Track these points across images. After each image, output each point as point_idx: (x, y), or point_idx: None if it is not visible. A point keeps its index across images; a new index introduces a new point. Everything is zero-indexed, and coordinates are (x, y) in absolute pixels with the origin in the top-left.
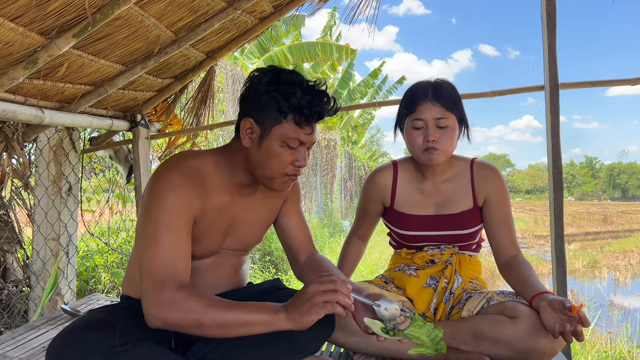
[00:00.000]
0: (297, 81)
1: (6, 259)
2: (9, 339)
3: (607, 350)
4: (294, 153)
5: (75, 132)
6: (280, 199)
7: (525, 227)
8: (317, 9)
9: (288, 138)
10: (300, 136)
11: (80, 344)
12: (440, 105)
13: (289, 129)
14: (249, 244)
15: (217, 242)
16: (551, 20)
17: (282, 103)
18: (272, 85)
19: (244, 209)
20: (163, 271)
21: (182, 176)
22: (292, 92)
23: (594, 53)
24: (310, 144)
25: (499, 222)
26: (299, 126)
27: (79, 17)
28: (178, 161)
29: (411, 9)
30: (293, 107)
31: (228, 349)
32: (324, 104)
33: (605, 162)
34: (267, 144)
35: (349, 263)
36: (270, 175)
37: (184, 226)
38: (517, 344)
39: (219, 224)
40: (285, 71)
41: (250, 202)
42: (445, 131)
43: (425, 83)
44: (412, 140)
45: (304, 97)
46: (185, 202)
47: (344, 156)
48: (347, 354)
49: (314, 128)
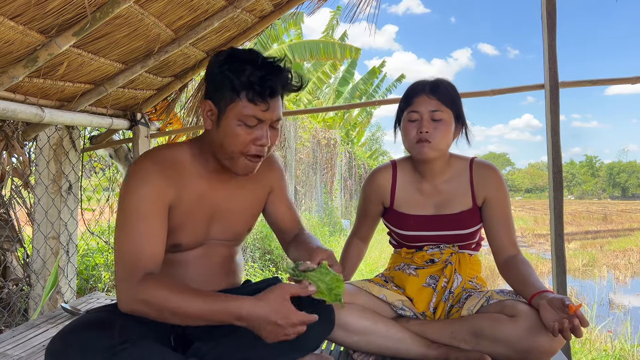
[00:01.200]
0: (250, 58)
1: (6, 258)
2: (9, 337)
3: (607, 349)
4: (253, 132)
5: (75, 130)
6: (266, 189)
7: (525, 225)
8: (317, 8)
9: (244, 116)
10: (256, 113)
11: (80, 343)
12: (436, 99)
13: (244, 106)
14: (237, 233)
15: (202, 231)
16: (551, 19)
17: (234, 81)
18: (225, 65)
19: (227, 196)
20: (132, 258)
21: (155, 165)
22: (243, 69)
23: (593, 52)
24: (270, 121)
25: (499, 222)
26: (253, 103)
27: (79, 15)
28: (152, 152)
29: (410, 7)
30: (244, 84)
31: (227, 348)
32: (277, 79)
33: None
34: (225, 123)
35: (350, 264)
36: (231, 156)
37: (155, 213)
38: (517, 342)
39: (200, 212)
40: (240, 50)
41: (233, 188)
42: (439, 124)
43: (425, 80)
44: (406, 132)
45: (255, 73)
46: (157, 190)
47: (344, 155)
48: (347, 352)
49: (270, 105)
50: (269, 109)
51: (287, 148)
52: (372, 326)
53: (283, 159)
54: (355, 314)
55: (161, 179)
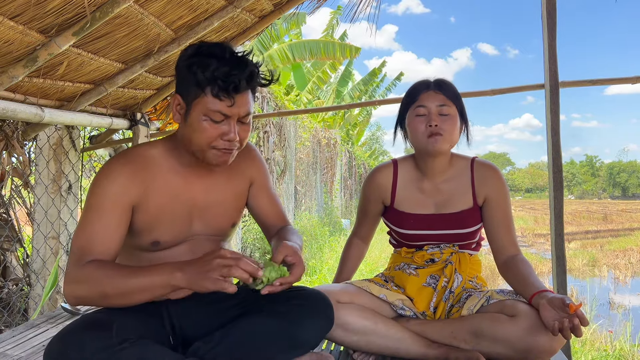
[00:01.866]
0: (216, 53)
1: (6, 258)
2: (9, 337)
3: (607, 349)
4: (220, 127)
5: (75, 130)
6: (245, 181)
7: (525, 225)
8: (317, 7)
9: (209, 111)
10: (222, 109)
11: (79, 344)
12: (442, 94)
13: (209, 102)
14: (220, 228)
15: (183, 227)
16: (551, 19)
17: (199, 76)
18: (191, 58)
19: (204, 190)
20: (81, 249)
21: (120, 164)
22: (208, 64)
23: (593, 51)
24: (237, 116)
25: (499, 222)
26: (218, 99)
27: (79, 15)
28: (124, 151)
29: (410, 7)
30: (208, 80)
31: (227, 347)
32: (242, 74)
33: (605, 160)
34: (191, 118)
35: (350, 265)
36: (199, 149)
37: (113, 209)
38: (517, 342)
39: (176, 208)
40: (207, 44)
41: (210, 182)
42: (447, 118)
43: (427, 79)
44: (415, 127)
45: (220, 69)
46: (119, 186)
47: (344, 155)
48: (347, 352)
49: (236, 100)
50: (234, 104)
51: (287, 148)
52: (372, 326)
53: (283, 158)
54: (355, 314)
55: (125, 177)
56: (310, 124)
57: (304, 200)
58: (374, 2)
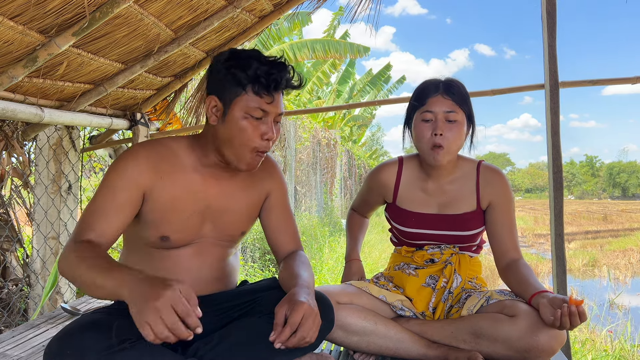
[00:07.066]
0: (254, 55)
1: (6, 258)
2: (8, 337)
3: (607, 349)
4: (260, 125)
5: (74, 130)
6: (263, 191)
7: (525, 225)
8: (317, 7)
9: (250, 108)
10: (262, 106)
11: (78, 345)
12: (451, 100)
13: (249, 99)
14: (229, 234)
15: (194, 226)
16: (551, 19)
17: (239, 75)
18: (229, 61)
19: (220, 194)
20: (81, 228)
21: (142, 148)
22: (248, 64)
23: (592, 50)
24: (275, 115)
25: (503, 226)
26: (258, 96)
27: (79, 15)
28: (148, 141)
29: (407, 8)
30: (250, 78)
31: (227, 347)
32: (281, 73)
33: (605, 160)
34: (230, 117)
35: (356, 232)
36: (240, 151)
37: (124, 188)
38: (517, 342)
39: (190, 205)
40: (240, 50)
41: (227, 187)
42: (453, 126)
43: (437, 79)
44: (420, 133)
45: (261, 68)
46: (135, 167)
47: (344, 155)
48: (347, 352)
49: (274, 98)
50: (273, 101)
51: (287, 148)
52: (372, 327)
53: (283, 159)
54: (355, 315)
55: (142, 160)
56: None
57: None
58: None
